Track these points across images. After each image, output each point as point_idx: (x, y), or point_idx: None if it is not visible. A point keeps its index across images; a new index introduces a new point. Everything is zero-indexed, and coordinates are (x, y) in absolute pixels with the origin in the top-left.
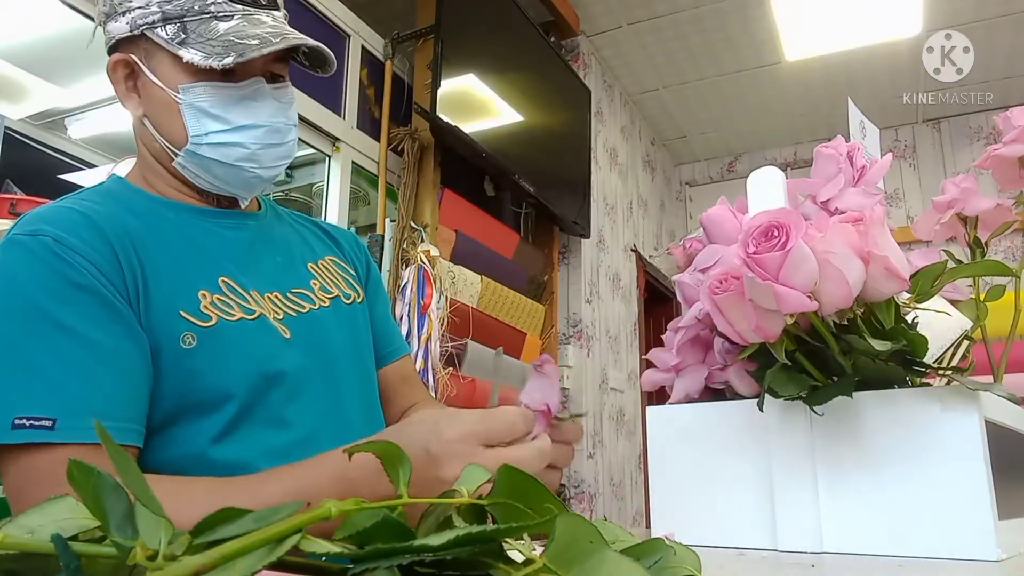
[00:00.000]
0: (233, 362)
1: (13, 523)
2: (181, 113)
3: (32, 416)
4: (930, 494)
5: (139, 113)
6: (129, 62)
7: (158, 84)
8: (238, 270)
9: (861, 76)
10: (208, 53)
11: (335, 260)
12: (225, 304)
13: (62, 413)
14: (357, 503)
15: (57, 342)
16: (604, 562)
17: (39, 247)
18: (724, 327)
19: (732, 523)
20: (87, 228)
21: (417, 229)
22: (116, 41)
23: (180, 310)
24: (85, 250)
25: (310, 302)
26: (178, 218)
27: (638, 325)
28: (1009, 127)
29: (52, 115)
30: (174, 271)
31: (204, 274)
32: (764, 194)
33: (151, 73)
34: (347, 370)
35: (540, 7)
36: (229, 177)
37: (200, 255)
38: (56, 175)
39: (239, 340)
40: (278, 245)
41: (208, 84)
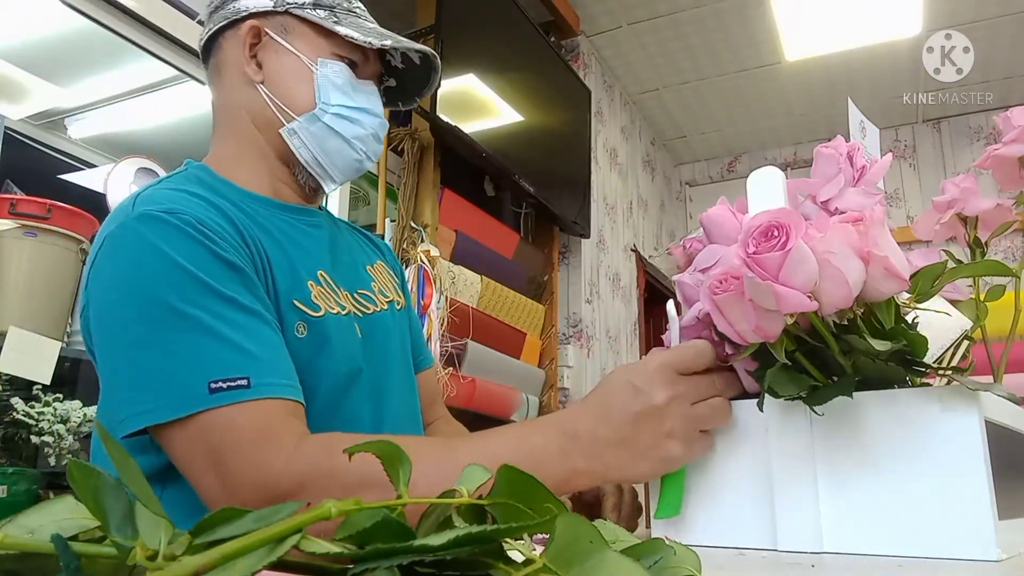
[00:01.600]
0: (330, 357)
1: (13, 523)
2: (314, 82)
3: (227, 378)
4: (930, 494)
5: (258, 79)
6: (260, 31)
7: (296, 53)
8: (328, 266)
9: (861, 76)
10: (365, 34)
11: (384, 266)
12: (326, 297)
13: (254, 373)
14: (357, 503)
15: (228, 312)
16: (604, 562)
17: (183, 224)
18: (724, 327)
19: (732, 523)
20: (215, 213)
21: (417, 229)
22: (250, 13)
23: (294, 299)
24: (223, 233)
25: (373, 304)
26: (269, 213)
27: (638, 325)
28: (1009, 127)
29: (52, 115)
30: (284, 262)
31: (308, 267)
32: (764, 194)
33: (287, 44)
34: (398, 373)
35: (540, 7)
36: (337, 154)
37: (299, 249)
38: (56, 175)
39: (336, 334)
40: (343, 246)
41: (344, 66)
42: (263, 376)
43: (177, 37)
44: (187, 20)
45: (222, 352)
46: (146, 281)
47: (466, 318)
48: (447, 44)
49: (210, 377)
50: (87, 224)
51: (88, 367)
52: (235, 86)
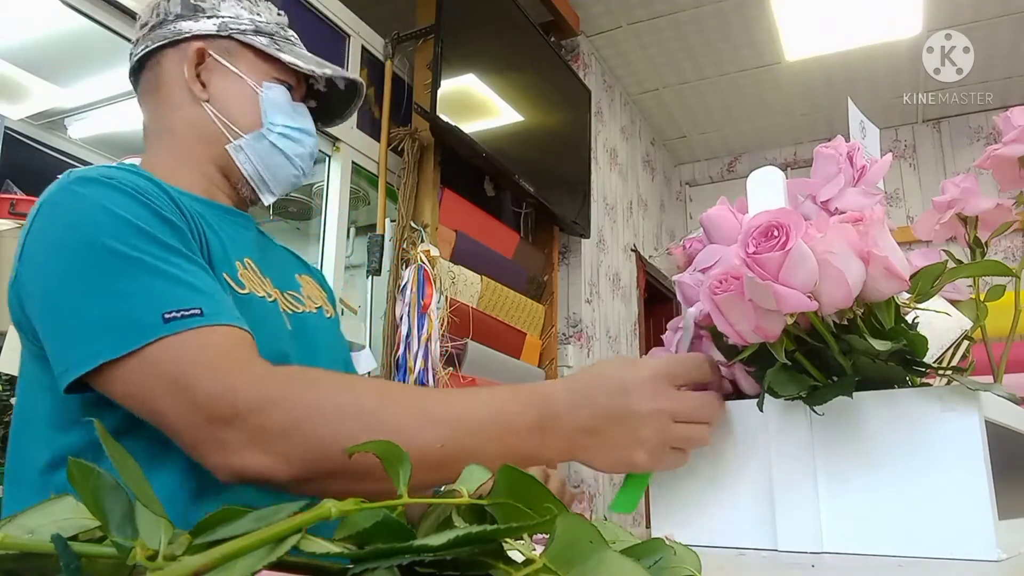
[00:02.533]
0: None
1: (13, 523)
2: (260, 103)
3: (180, 309)
4: (930, 494)
5: (203, 97)
6: (204, 53)
7: (240, 75)
8: (256, 257)
9: (861, 76)
10: (306, 62)
11: (311, 279)
12: (250, 279)
13: (205, 304)
14: (357, 503)
15: (172, 257)
16: (604, 562)
17: (124, 186)
18: (724, 327)
19: (732, 523)
20: (156, 189)
21: (417, 229)
22: (194, 35)
23: (223, 273)
24: (162, 201)
25: (302, 304)
26: (201, 207)
27: (638, 325)
28: (1009, 127)
29: (52, 115)
30: (216, 245)
31: (235, 251)
32: (764, 194)
33: (232, 66)
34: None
35: (540, 7)
36: (279, 169)
37: (228, 236)
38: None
39: (261, 315)
40: (272, 251)
41: (284, 89)
42: (215, 307)
43: None
44: None
45: (172, 288)
46: (88, 232)
47: (466, 318)
48: (447, 44)
49: (163, 309)
50: None
51: None
52: (177, 102)
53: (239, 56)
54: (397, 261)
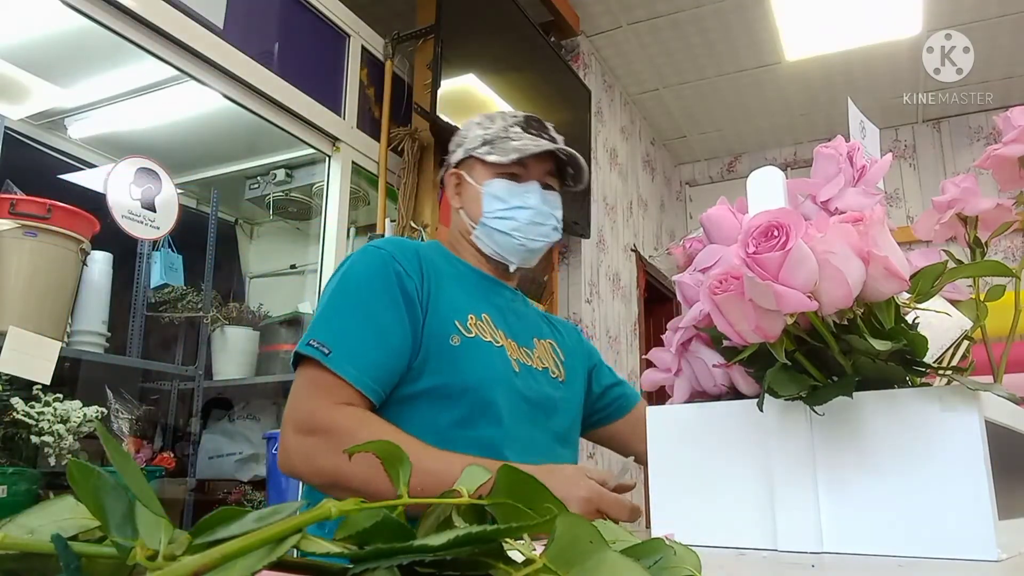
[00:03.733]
0: (480, 365)
1: (13, 523)
2: (482, 199)
3: (320, 342)
4: (930, 494)
5: (456, 205)
6: (459, 175)
7: (472, 183)
8: (494, 315)
9: (861, 76)
10: (503, 154)
11: (553, 344)
12: (479, 328)
13: (337, 351)
14: (357, 503)
15: (356, 313)
16: (604, 562)
17: (377, 255)
18: (724, 327)
19: (732, 523)
20: (411, 253)
21: (417, 229)
22: (456, 163)
23: (455, 320)
24: (407, 266)
25: (530, 359)
26: (466, 273)
27: (638, 325)
28: (1009, 127)
29: (52, 115)
30: (456, 297)
31: (475, 306)
32: (764, 194)
33: (469, 178)
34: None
35: (540, 7)
36: (503, 243)
37: (473, 296)
38: (56, 175)
39: (486, 352)
40: (521, 315)
41: (502, 181)
42: (343, 356)
43: (177, 37)
44: (187, 20)
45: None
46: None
47: None
48: (447, 44)
49: (316, 336)
50: (87, 224)
51: (88, 367)
52: (451, 211)
53: (475, 169)
54: None
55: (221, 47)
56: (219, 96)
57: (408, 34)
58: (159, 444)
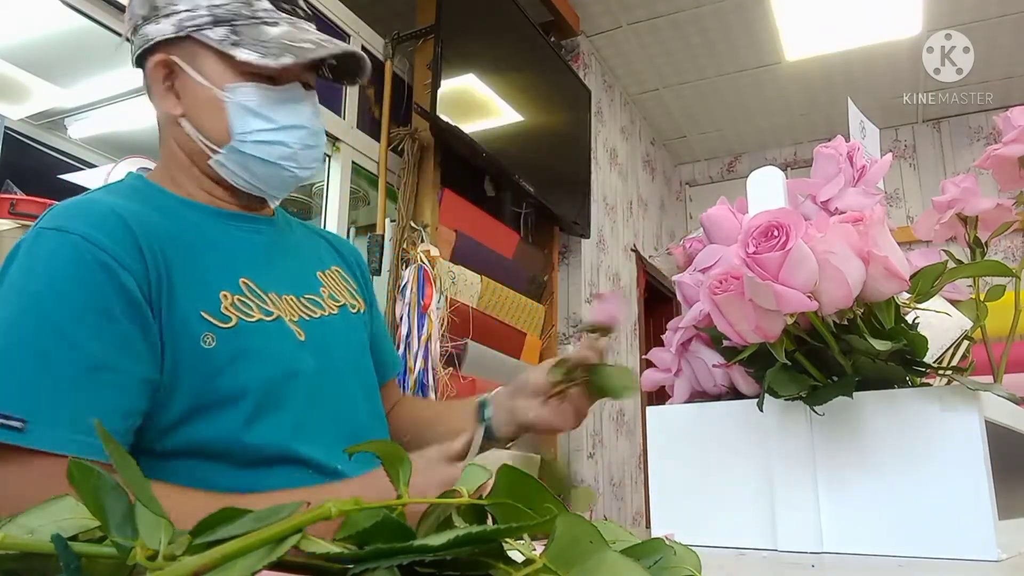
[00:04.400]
0: (251, 361)
1: (13, 523)
2: (226, 111)
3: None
4: (930, 494)
5: (176, 112)
6: (170, 62)
7: (203, 83)
8: (257, 272)
9: (861, 76)
10: (263, 54)
11: (340, 271)
12: (245, 305)
13: (36, 413)
14: (357, 503)
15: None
16: (604, 562)
17: (65, 245)
18: (724, 327)
19: (732, 523)
20: (116, 225)
21: (417, 229)
22: (156, 43)
23: (201, 311)
24: (111, 247)
25: (320, 308)
26: (201, 220)
27: (638, 325)
28: (1009, 127)
29: (52, 115)
30: (197, 272)
31: (225, 275)
32: (764, 194)
33: (196, 73)
34: (353, 377)
35: (540, 7)
36: (268, 176)
37: (222, 257)
38: (56, 175)
39: (257, 340)
40: (291, 251)
41: (255, 85)
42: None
43: None
44: None
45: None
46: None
47: (466, 318)
48: (447, 44)
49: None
50: None
51: None
52: (162, 115)
53: (201, 58)
54: (397, 261)
55: None
56: None
57: (408, 34)
58: None
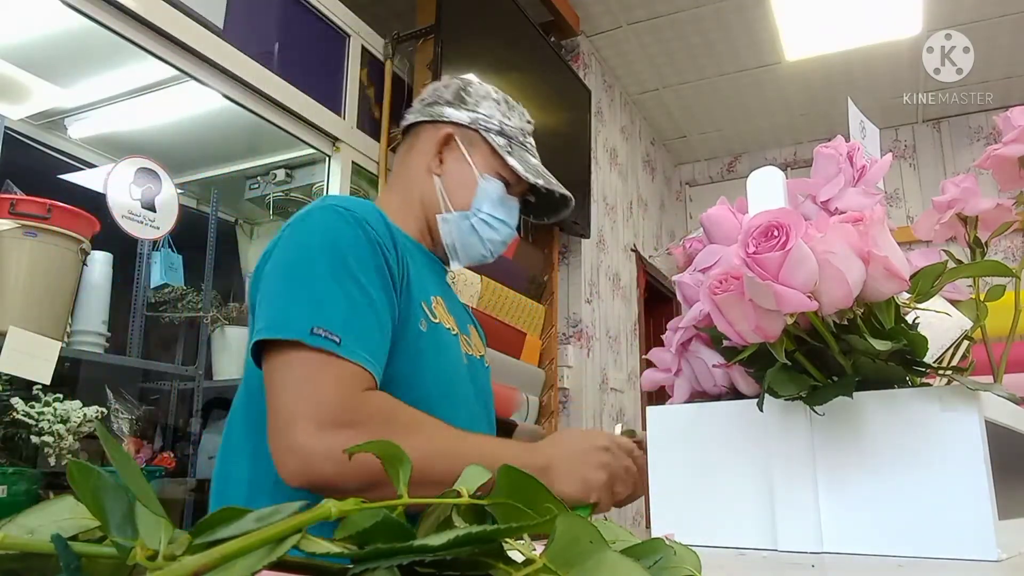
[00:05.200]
0: (439, 358)
1: (13, 523)
2: (475, 190)
3: (327, 329)
4: (930, 494)
5: (437, 172)
6: (452, 138)
7: (470, 164)
8: (446, 298)
9: (861, 76)
10: (526, 169)
11: (477, 330)
12: (441, 313)
13: (347, 336)
14: (357, 503)
15: (351, 289)
16: (604, 562)
17: (353, 220)
18: (724, 327)
19: (732, 523)
20: (380, 220)
21: None
22: (450, 121)
23: (422, 301)
24: (381, 236)
25: (471, 347)
26: (414, 248)
27: (638, 325)
28: (1009, 127)
29: (52, 115)
30: (418, 278)
31: (430, 288)
32: (764, 194)
33: (467, 154)
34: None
35: (540, 7)
36: (471, 247)
37: (426, 277)
38: (56, 175)
39: (446, 343)
40: (454, 300)
41: (500, 184)
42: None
43: (177, 37)
44: (187, 20)
45: (333, 313)
46: (312, 247)
47: None
48: (447, 44)
49: (314, 323)
50: (87, 224)
51: (88, 367)
52: (418, 168)
53: (477, 148)
54: None
55: (221, 47)
56: (219, 96)
57: (408, 34)
58: (159, 444)
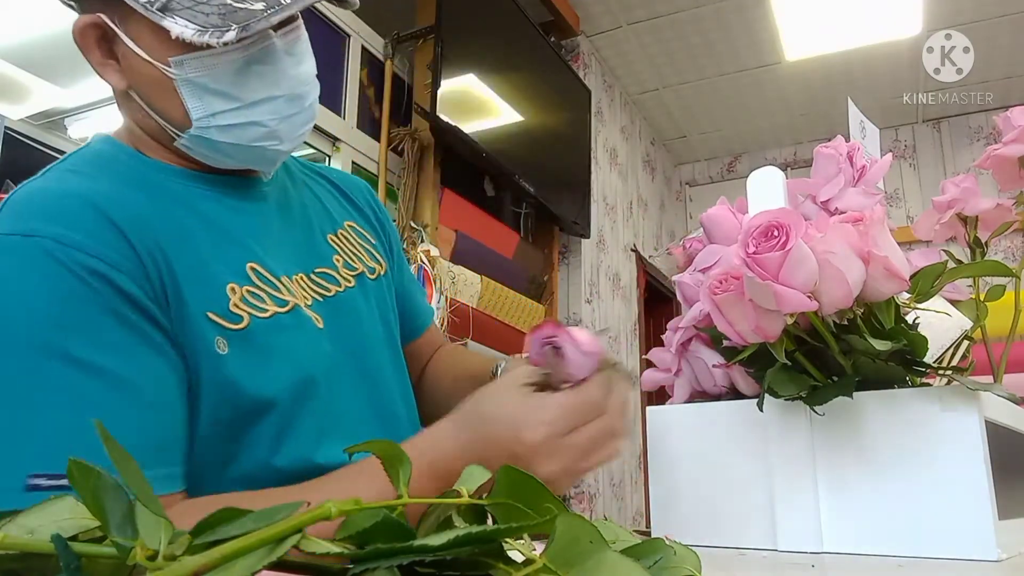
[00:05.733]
0: (271, 367)
1: (13, 523)
2: (178, 91)
3: (49, 473)
4: (930, 494)
5: (122, 86)
6: (101, 24)
7: (142, 55)
8: (264, 252)
9: (861, 76)
10: (202, 25)
11: (354, 227)
12: (256, 298)
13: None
14: (357, 503)
15: (68, 379)
16: (604, 562)
17: (36, 253)
18: (724, 327)
19: (732, 523)
20: (94, 219)
21: (417, 229)
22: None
23: (208, 312)
24: (96, 249)
25: (335, 283)
26: (189, 192)
27: (638, 325)
28: (1009, 127)
29: (52, 115)
30: (198, 263)
31: (231, 263)
32: (764, 194)
33: (131, 42)
34: (380, 356)
35: (540, 7)
36: (247, 157)
37: (221, 238)
38: None
39: (275, 341)
40: (296, 216)
41: (206, 55)
42: None
43: None
44: None
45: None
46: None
47: (466, 318)
48: (447, 44)
49: (28, 471)
50: None
51: None
52: (112, 85)
53: (135, 23)
54: None
55: None
56: None
57: (408, 34)
58: None
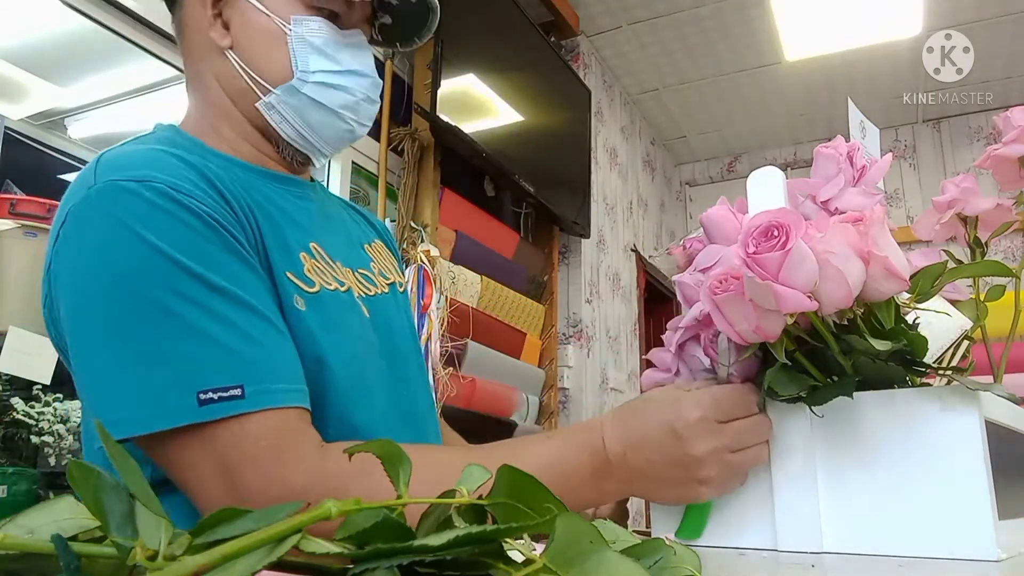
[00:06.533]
0: (336, 333)
1: (13, 523)
2: (289, 46)
3: (218, 388)
4: (930, 494)
5: (225, 44)
6: None
7: (265, 11)
8: (323, 238)
9: (861, 76)
10: None
11: (382, 245)
12: (320, 272)
13: (248, 377)
14: (357, 503)
15: (217, 305)
16: (604, 562)
17: (154, 194)
18: (724, 327)
19: (732, 523)
20: (196, 175)
21: (417, 229)
22: None
23: (287, 272)
24: (203, 199)
25: (374, 285)
26: (253, 179)
27: (638, 325)
28: (1009, 127)
29: (52, 115)
30: (275, 230)
31: (299, 237)
32: (764, 194)
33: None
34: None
35: (540, 7)
36: (324, 125)
37: (288, 219)
38: (56, 175)
39: (336, 314)
40: (336, 222)
41: (323, 21)
42: (261, 380)
43: None
44: None
45: (211, 355)
46: (121, 270)
47: (466, 318)
48: (447, 44)
49: (198, 386)
50: None
51: None
52: (201, 50)
53: None
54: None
55: None
56: None
57: None
58: None
